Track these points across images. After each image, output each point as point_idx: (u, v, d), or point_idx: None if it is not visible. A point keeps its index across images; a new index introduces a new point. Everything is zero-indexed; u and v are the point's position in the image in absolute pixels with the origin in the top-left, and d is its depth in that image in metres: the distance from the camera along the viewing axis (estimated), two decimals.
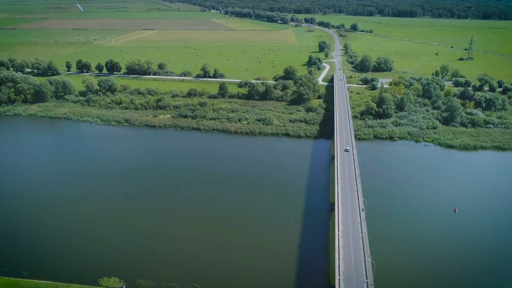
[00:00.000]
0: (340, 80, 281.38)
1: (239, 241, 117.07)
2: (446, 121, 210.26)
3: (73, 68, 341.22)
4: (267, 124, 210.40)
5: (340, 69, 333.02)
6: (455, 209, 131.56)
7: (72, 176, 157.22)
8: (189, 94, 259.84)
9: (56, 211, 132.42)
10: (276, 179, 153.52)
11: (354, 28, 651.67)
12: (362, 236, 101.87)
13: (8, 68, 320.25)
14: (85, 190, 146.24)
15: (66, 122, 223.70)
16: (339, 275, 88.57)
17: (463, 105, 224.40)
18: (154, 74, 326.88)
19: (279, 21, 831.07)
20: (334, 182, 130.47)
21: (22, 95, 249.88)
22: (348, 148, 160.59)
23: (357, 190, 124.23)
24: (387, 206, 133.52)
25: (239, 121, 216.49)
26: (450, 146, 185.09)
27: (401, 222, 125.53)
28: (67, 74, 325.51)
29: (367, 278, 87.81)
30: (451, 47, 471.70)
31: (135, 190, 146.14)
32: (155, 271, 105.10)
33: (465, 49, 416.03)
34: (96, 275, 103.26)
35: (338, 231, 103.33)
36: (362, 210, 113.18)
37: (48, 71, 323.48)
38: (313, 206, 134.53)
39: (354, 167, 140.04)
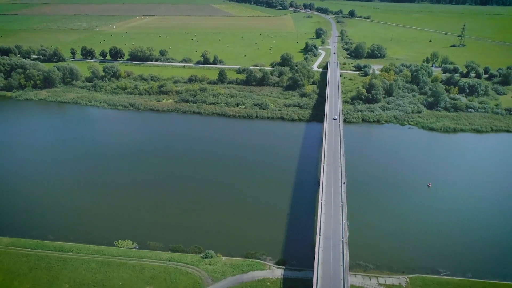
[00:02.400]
0: (334, 63, 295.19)
1: (236, 209, 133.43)
2: (430, 106, 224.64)
3: (78, 55, 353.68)
4: (263, 109, 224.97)
5: (335, 53, 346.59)
6: (429, 184, 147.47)
7: (86, 155, 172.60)
8: (190, 80, 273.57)
9: (74, 184, 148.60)
10: (271, 159, 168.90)
11: (351, 14, 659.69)
12: (342, 204, 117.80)
13: (15, 55, 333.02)
14: (99, 167, 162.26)
15: (75, 106, 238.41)
16: (319, 235, 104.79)
17: (447, 90, 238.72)
18: (156, 61, 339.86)
19: (278, 7, 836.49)
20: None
21: (32, 81, 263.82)
22: (335, 116, 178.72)
23: (340, 166, 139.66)
24: (368, 181, 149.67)
25: (237, 105, 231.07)
26: (432, 129, 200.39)
27: (379, 194, 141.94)
28: (72, 60, 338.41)
29: (343, 238, 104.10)
30: (445, 34, 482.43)
31: (143, 167, 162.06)
32: (163, 234, 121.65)
33: (458, 36, 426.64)
34: (113, 238, 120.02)
35: (321, 200, 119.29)
36: (344, 183, 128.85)
37: (54, 57, 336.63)
38: (303, 181, 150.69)
39: (340, 147, 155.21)
